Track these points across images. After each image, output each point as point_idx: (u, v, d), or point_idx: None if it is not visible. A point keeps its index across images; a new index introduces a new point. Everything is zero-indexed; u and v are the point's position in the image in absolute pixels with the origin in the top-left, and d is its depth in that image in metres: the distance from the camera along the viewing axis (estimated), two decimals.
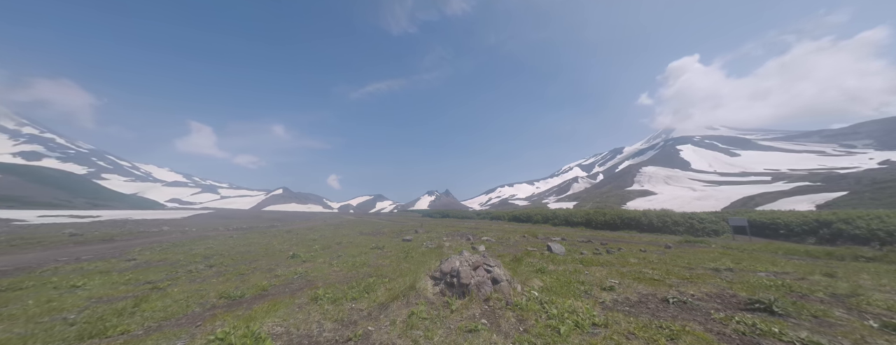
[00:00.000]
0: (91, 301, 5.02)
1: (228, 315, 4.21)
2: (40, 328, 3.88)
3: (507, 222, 37.28)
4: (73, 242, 13.60)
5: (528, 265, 7.52)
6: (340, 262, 8.08)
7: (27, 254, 10.36)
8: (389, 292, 5.01)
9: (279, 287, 5.84)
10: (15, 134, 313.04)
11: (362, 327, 3.77)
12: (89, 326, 3.89)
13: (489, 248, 11.55)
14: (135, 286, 6.00)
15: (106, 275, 6.89)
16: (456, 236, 15.93)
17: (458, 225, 27.95)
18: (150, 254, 10.10)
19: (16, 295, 5.34)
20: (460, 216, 52.24)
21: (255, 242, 13.56)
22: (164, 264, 8.42)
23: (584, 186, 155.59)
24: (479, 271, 5.25)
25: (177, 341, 3.38)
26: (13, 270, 7.61)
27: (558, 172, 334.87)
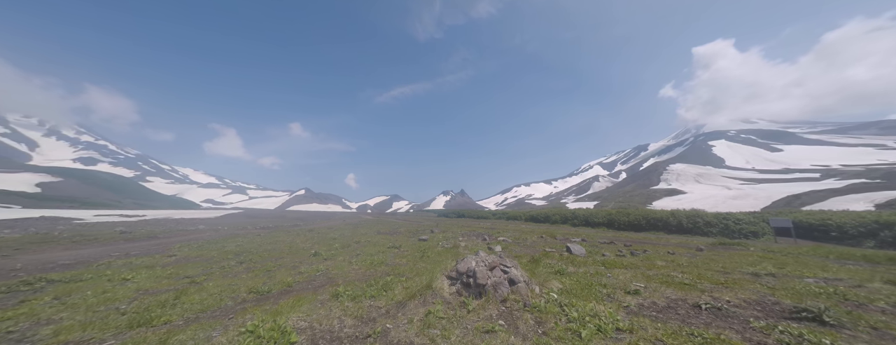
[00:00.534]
0: (139, 293, 5.52)
1: (257, 309, 4.46)
2: (97, 316, 4.32)
3: (524, 223, 36.59)
4: (123, 239, 15.01)
5: (547, 267, 7.34)
6: (359, 260, 8.31)
7: (86, 249, 11.57)
8: (407, 290, 5.09)
9: (303, 284, 6.10)
10: (74, 142, 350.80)
11: (381, 325, 3.85)
12: (137, 315, 4.28)
13: (506, 248, 11.40)
14: (175, 280, 6.52)
15: (151, 269, 7.54)
16: (471, 236, 15.86)
17: (473, 225, 27.83)
18: (188, 250, 10.92)
19: (77, 286, 5.98)
20: (476, 216, 51.96)
21: (281, 240, 14.27)
22: (200, 259, 9.07)
23: (606, 185, 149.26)
24: (495, 271, 5.20)
25: (212, 332, 3.63)
26: (75, 263, 8.52)
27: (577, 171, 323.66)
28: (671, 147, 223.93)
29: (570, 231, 21.85)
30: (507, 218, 43.72)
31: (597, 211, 30.29)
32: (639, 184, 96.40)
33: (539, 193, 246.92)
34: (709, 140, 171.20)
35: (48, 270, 7.60)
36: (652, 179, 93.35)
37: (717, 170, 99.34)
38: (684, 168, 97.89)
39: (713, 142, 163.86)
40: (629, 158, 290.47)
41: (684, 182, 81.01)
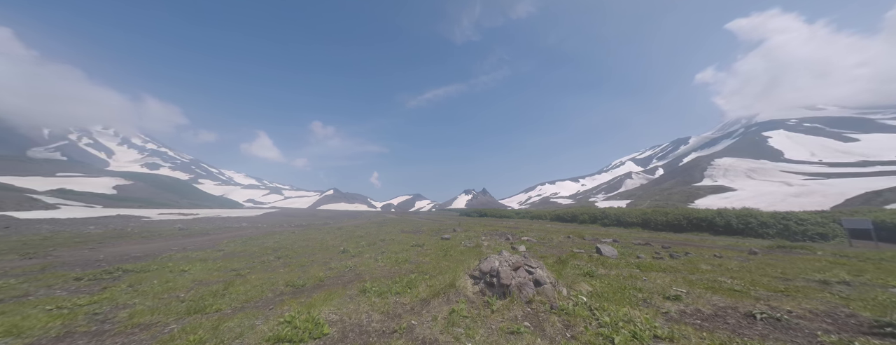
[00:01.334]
0: (194, 283, 6.18)
1: (293, 301, 4.80)
2: (162, 303, 4.91)
3: (549, 222, 35.35)
4: (181, 235, 16.91)
5: (575, 268, 7.03)
6: (384, 258, 8.58)
7: (152, 243, 13.21)
8: (430, 288, 5.16)
9: (333, 279, 6.44)
10: (141, 149, 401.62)
11: (406, 321, 3.95)
12: (194, 303, 4.80)
13: (530, 248, 11.10)
14: (224, 273, 7.21)
15: (204, 262, 8.41)
16: (494, 236, 15.66)
17: (496, 224, 27.46)
18: (234, 246, 12.02)
19: (146, 276, 6.85)
20: (498, 215, 51.19)
21: (313, 237, 15.17)
22: (244, 254, 9.94)
23: (639, 182, 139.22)
24: (519, 271, 5.09)
25: (256, 321, 3.96)
26: (144, 256, 9.77)
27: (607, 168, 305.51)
28: (716, 140, 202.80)
29: (600, 231, 20.71)
30: (530, 217, 42.54)
31: (630, 210, 28.39)
32: (678, 180, 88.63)
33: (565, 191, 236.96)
34: (763, 131, 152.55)
35: (123, 261, 8.79)
36: (694, 176, 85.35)
37: (773, 164, 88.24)
38: (733, 162, 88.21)
39: (769, 132, 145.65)
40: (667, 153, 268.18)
41: (733, 178, 73.02)
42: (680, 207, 29.92)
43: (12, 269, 7.57)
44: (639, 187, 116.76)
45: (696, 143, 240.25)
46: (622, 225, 26.06)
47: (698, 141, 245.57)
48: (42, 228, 20.72)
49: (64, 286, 5.98)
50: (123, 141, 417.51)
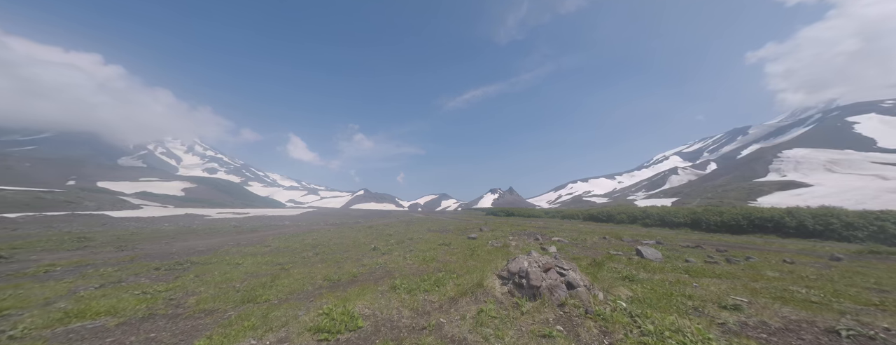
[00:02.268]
0: (247, 276, 6.89)
1: (330, 295, 5.13)
2: (221, 291, 5.56)
3: (582, 222, 33.47)
4: (235, 232, 18.96)
5: (612, 271, 6.59)
6: (413, 256, 8.79)
7: (212, 239, 14.99)
8: (458, 287, 5.18)
9: (365, 275, 6.76)
10: (202, 155, 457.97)
11: (435, 319, 4.01)
12: (247, 293, 5.35)
13: (561, 249, 10.62)
14: (271, 267, 7.93)
15: (254, 257, 9.34)
16: (522, 236, 15.23)
17: (524, 224, 26.67)
18: (279, 242, 13.18)
19: (208, 268, 7.79)
20: (526, 215, 49.63)
21: (346, 235, 16.07)
22: (287, 250, 10.86)
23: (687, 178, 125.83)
24: (550, 273, 4.90)
25: (298, 312, 4.31)
26: (206, 250, 11.12)
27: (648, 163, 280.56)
28: (784, 129, 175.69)
29: (641, 232, 19.14)
30: (561, 217, 40.64)
31: (676, 209, 25.81)
32: (736, 175, 78.47)
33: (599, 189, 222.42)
34: (849, 115, 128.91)
35: (191, 254, 10.09)
36: (756, 170, 74.93)
37: (862, 154, 74.15)
38: (808, 154, 75.83)
39: (856, 117, 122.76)
40: (721, 145, 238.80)
41: (808, 172, 62.76)
42: (738, 206, 26.46)
43: (110, 259, 9.10)
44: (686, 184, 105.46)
45: (759, 133, 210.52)
46: (667, 225, 23.80)
47: (761, 131, 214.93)
48: (130, 225, 24.59)
49: (147, 275, 7.04)
50: (188, 149, 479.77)
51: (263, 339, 3.48)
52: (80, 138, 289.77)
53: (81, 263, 8.42)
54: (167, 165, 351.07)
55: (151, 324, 4.11)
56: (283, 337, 3.52)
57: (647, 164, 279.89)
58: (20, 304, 4.82)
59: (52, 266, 7.80)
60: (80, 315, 4.29)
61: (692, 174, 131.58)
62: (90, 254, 10.07)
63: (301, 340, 3.45)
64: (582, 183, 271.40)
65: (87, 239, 14.06)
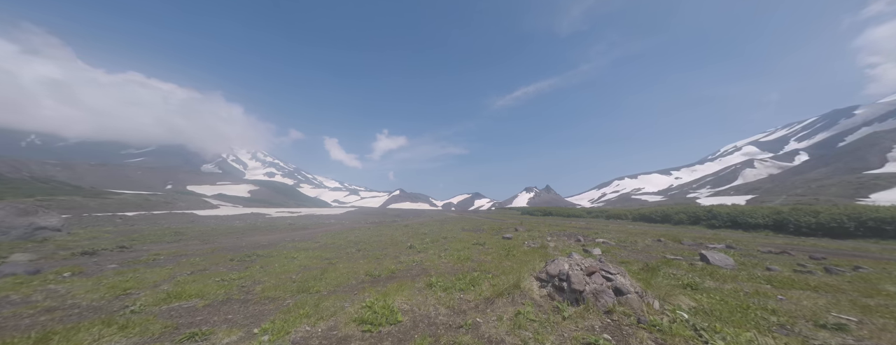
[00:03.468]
0: (301, 268, 7.68)
1: (372, 289, 5.45)
2: (281, 282, 6.27)
3: (632, 223, 30.44)
4: (290, 229, 21.24)
5: (670, 278, 5.88)
6: (447, 255, 8.90)
7: (272, 235, 16.99)
8: (494, 287, 5.10)
9: (403, 271, 7.04)
10: (263, 161, 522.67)
11: (471, 318, 4.01)
12: (301, 284, 5.96)
13: (607, 252, 9.81)
14: (320, 261, 8.72)
15: (306, 252, 10.36)
16: (562, 236, 14.41)
17: (563, 224, 25.17)
18: (326, 239, 14.41)
19: (270, 260, 8.85)
20: (565, 214, 46.75)
21: (384, 233, 16.91)
22: (333, 246, 11.82)
23: (767, 171, 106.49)
24: (595, 277, 4.56)
25: (344, 303, 4.67)
26: (268, 244, 12.66)
27: (713, 156, 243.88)
28: None
29: (705, 235, 16.76)
30: (606, 217, 37.46)
31: (753, 208, 22.01)
32: (838, 167, 64.05)
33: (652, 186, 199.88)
34: None
35: (256, 248, 11.58)
36: (867, 160, 60.21)
37: None
38: None
39: None
40: (814, 131, 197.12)
41: None
42: (842, 205, 21.52)
43: (197, 250, 10.88)
44: (765, 179, 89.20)
45: (870, 114, 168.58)
46: (740, 227, 20.44)
47: (873, 111, 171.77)
48: (210, 221, 29.09)
49: (224, 265, 8.26)
50: (252, 156, 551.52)
51: (316, 326, 3.84)
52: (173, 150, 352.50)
53: (177, 253, 10.23)
54: (237, 170, 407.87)
55: (228, 307, 4.82)
56: (333, 326, 3.84)
57: (713, 156, 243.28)
58: (137, 285, 6.03)
59: (157, 255, 9.62)
60: (178, 296, 5.20)
61: (773, 167, 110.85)
62: (183, 246, 12.18)
63: (348, 329, 3.72)
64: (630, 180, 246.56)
65: (181, 233, 17.02)
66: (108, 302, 5.05)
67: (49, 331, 3.65)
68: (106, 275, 7.01)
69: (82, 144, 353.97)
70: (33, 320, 4.28)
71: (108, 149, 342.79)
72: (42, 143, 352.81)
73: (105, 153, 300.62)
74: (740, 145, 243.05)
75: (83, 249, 10.66)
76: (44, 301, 5.06)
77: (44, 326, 3.99)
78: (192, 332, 3.67)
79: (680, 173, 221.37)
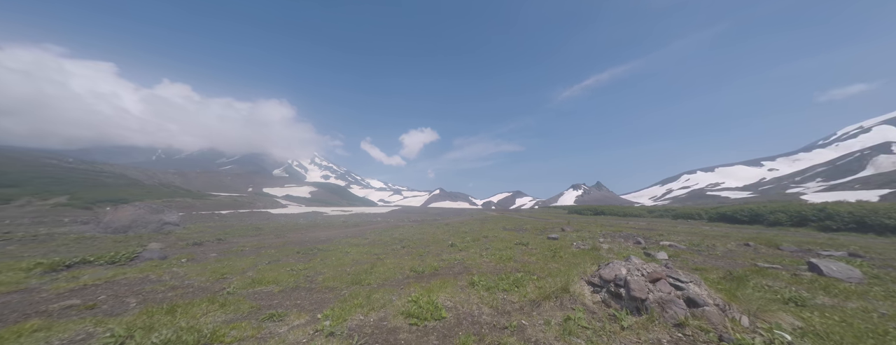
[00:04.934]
0: (353, 262, 8.40)
1: (416, 285, 5.68)
2: (337, 273, 6.96)
3: (708, 223, 25.98)
4: (343, 226, 23.39)
5: (763, 290, 4.89)
6: (489, 254, 8.79)
7: (329, 231, 18.93)
8: (539, 290, 4.88)
9: (445, 269, 7.19)
10: (320, 165, 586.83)
11: (516, 320, 3.90)
12: (354, 277, 6.53)
13: (675, 257, 8.57)
14: (369, 256, 9.42)
15: (357, 247, 11.30)
16: (617, 238, 13.05)
17: (618, 224, 22.73)
18: (374, 236, 15.51)
19: (328, 254, 9.88)
20: (621, 214, 42.06)
21: (426, 231, 17.47)
22: (380, 243, 12.66)
23: None
24: (660, 284, 4.04)
25: (392, 297, 4.97)
26: (326, 239, 14.14)
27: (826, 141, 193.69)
28: None
29: (815, 239, 13.45)
30: (673, 216, 32.65)
31: (891, 206, 16.89)
32: None
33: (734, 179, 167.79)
34: None
35: (317, 243, 13.04)
36: None
37: None
38: None
39: None
40: None
41: None
42: None
43: (272, 243, 12.71)
44: None
45: None
46: (871, 230, 15.88)
47: None
48: (281, 219, 33.66)
49: (292, 256, 9.50)
50: (311, 161, 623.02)
51: (368, 316, 4.17)
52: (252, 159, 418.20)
53: (258, 245, 12.10)
54: (299, 174, 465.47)
55: (297, 293, 5.53)
56: (383, 317, 4.12)
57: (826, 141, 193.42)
58: (231, 271, 7.31)
59: (243, 247, 11.51)
60: (259, 282, 6.16)
61: None
62: (262, 239, 14.35)
63: (396, 321, 3.96)
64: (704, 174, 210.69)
65: (259, 229, 20.08)
66: (212, 284, 6.24)
67: (175, 304, 4.66)
68: (209, 262, 8.66)
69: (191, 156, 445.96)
70: (164, 295, 5.52)
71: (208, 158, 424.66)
72: (166, 156, 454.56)
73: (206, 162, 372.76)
74: (869, 125, 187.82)
75: (193, 241, 13.37)
76: (170, 281, 6.48)
77: (171, 300, 5.12)
78: (271, 313, 4.31)
79: (775, 164, 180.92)
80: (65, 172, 59.96)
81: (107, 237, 15.88)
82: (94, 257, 8.51)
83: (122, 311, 4.67)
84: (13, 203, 36.05)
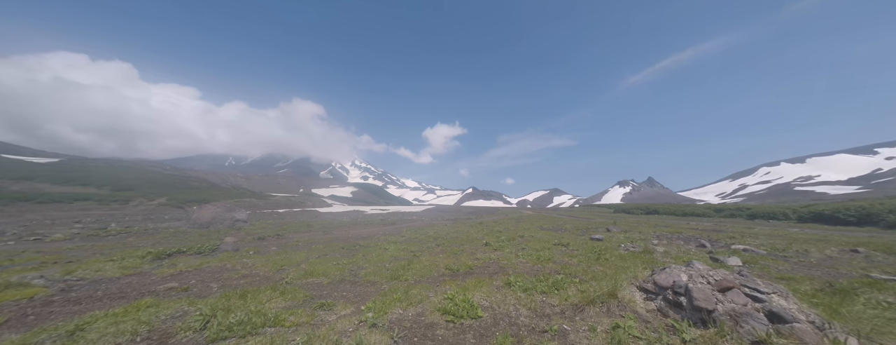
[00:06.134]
0: (392, 259, 8.82)
1: (451, 283, 5.75)
2: (378, 269, 7.37)
3: (797, 224, 21.72)
4: (382, 224, 24.67)
5: (880, 307, 3.95)
6: (525, 254, 8.51)
7: (369, 229, 20.12)
8: (582, 294, 4.58)
9: (480, 268, 7.15)
10: (359, 167, 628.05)
11: (557, 324, 3.72)
12: (393, 272, 6.85)
13: (752, 263, 7.36)
14: (406, 253, 9.79)
15: (395, 244, 11.82)
16: (674, 240, 11.62)
17: (676, 224, 20.20)
18: (410, 234, 16.07)
19: (369, 250, 10.51)
20: (679, 213, 37.19)
21: (460, 230, 17.54)
22: (416, 240, 13.07)
23: None
24: (732, 294, 3.52)
25: (429, 293, 5.10)
26: (367, 236, 15.06)
27: None
28: None
29: None
30: (748, 216, 27.94)
31: None
32: None
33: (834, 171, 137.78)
34: None
35: (359, 239, 13.96)
36: None
37: None
38: None
39: None
40: None
41: None
42: None
43: (320, 239, 13.95)
44: None
45: None
46: None
47: None
48: (327, 217, 36.69)
49: (338, 252, 10.31)
50: (352, 163, 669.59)
51: (407, 310, 4.34)
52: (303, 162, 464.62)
53: (309, 241, 13.37)
54: (342, 175, 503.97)
55: (343, 286, 6.00)
56: (421, 312, 4.26)
57: None
58: (288, 263, 8.21)
59: (297, 242, 12.83)
60: (311, 274, 6.82)
61: None
62: (312, 235, 15.82)
63: (433, 317, 4.06)
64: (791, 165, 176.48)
65: (310, 226, 22.17)
66: (273, 274, 7.08)
67: (246, 291, 5.40)
68: (271, 254, 9.84)
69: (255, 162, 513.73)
70: (237, 282, 6.42)
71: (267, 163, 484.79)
72: (235, 162, 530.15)
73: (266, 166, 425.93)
74: None
75: (258, 236, 15.29)
76: (241, 270, 7.52)
77: (242, 286, 5.94)
78: (321, 302, 4.75)
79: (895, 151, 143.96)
80: (164, 178, 73.19)
81: (194, 231, 19.04)
82: (187, 248, 10.27)
83: (208, 294, 5.55)
84: (130, 203, 45.15)
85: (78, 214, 31.69)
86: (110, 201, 43.64)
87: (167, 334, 3.67)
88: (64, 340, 3.44)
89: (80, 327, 3.73)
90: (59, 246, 12.80)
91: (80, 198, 42.79)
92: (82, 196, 43.90)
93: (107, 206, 40.83)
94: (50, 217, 28.53)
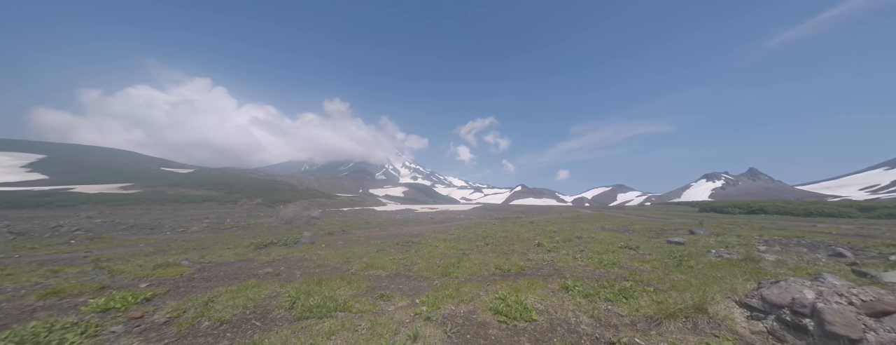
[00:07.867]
0: (442, 256, 9.08)
1: (502, 283, 5.64)
2: (429, 265, 7.68)
3: None
4: (431, 222, 25.60)
5: None
6: (584, 257, 7.79)
7: (420, 226, 21.09)
8: (659, 305, 3.98)
9: (532, 270, 6.83)
10: (409, 168, 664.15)
11: (627, 336, 3.32)
12: (444, 269, 7.05)
13: None
14: (456, 251, 9.96)
15: (445, 242, 12.14)
16: (794, 246, 9.17)
17: (794, 226, 15.85)
18: (458, 232, 16.28)
19: (420, 247, 11.02)
20: (800, 212, 28.91)
21: (509, 229, 17.02)
22: (465, 239, 13.19)
23: None
24: (891, 321, 2.65)
25: (480, 292, 5.11)
26: (418, 234, 15.82)
27: None
28: None
29: None
30: None
31: None
32: None
33: None
34: None
35: (411, 236, 14.76)
36: None
37: None
38: None
39: None
40: None
41: None
42: None
43: (378, 235, 15.21)
44: None
45: None
46: None
47: None
48: (382, 215, 39.73)
49: (393, 247, 11.09)
50: (403, 164, 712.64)
51: (459, 307, 4.43)
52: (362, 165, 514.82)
53: (368, 236, 14.70)
54: (394, 176, 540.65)
55: (398, 279, 6.44)
56: (472, 309, 4.30)
57: None
58: (352, 256, 9.19)
59: (359, 237, 14.23)
60: (371, 267, 7.50)
61: None
62: (370, 232, 17.37)
63: (485, 316, 4.05)
64: None
65: (368, 223, 24.36)
66: (341, 265, 8.02)
67: (321, 278, 6.25)
68: (339, 248, 11.15)
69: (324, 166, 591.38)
70: (314, 271, 7.47)
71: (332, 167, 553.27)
72: (309, 166, 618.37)
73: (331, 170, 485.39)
74: None
75: (328, 231, 17.49)
76: (316, 260, 8.71)
77: (318, 275, 6.88)
78: (381, 293, 5.19)
79: None
80: (259, 182, 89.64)
81: (281, 226, 22.89)
82: (277, 240, 12.39)
83: (293, 279, 6.60)
84: (238, 203, 56.54)
85: (205, 212, 41.30)
86: (225, 202, 55.55)
87: (267, 310, 4.51)
88: (201, 308, 4.54)
89: (211, 298, 4.87)
90: (196, 236, 16.88)
91: (207, 199, 55.71)
92: (208, 198, 57.00)
93: (223, 205, 52.06)
94: (190, 214, 37.81)
